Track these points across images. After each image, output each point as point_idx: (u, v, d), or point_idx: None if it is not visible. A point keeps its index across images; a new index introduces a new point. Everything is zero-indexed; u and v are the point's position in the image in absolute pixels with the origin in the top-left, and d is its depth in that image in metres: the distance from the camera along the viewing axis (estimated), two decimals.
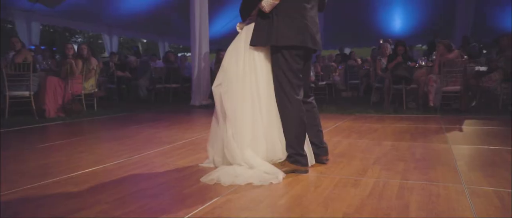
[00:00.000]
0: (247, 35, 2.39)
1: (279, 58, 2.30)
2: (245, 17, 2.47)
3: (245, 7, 2.42)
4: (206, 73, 7.79)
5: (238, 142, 2.34)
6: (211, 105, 7.49)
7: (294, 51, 2.29)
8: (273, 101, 2.38)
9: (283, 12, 2.26)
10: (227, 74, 2.39)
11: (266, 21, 2.31)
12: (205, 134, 4.06)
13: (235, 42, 2.47)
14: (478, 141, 3.31)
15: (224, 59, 2.48)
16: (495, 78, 5.60)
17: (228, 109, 2.36)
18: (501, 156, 2.73)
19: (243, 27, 2.48)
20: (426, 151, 2.95)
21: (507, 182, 2.10)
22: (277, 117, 2.38)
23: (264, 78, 2.36)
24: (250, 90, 2.36)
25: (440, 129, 4.05)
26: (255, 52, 2.36)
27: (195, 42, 7.63)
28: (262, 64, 2.36)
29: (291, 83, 2.29)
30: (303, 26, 2.28)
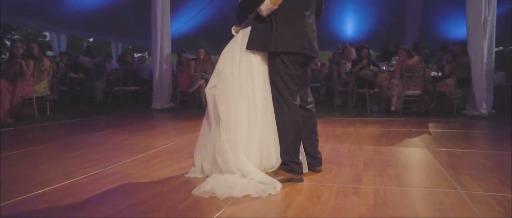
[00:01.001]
0: (243, 39, 2.34)
1: (278, 63, 2.26)
2: (242, 21, 2.41)
3: (243, 11, 2.36)
4: (168, 76, 7.50)
5: (231, 146, 2.26)
6: (173, 108, 7.24)
7: (293, 57, 2.26)
8: (269, 106, 2.32)
9: (283, 18, 2.24)
10: (222, 76, 2.33)
11: (264, 25, 2.27)
12: (178, 141, 3.89)
13: (230, 45, 2.41)
14: (450, 144, 3.46)
15: (219, 61, 2.41)
16: (450, 83, 5.96)
17: (222, 111, 2.28)
18: (477, 159, 2.87)
19: (239, 31, 2.41)
20: (408, 155, 3.03)
21: (496, 185, 2.20)
22: (273, 122, 2.32)
23: (261, 82, 2.31)
24: (246, 93, 2.30)
25: (410, 132, 4.20)
26: (252, 55, 2.31)
27: (157, 43, 7.31)
28: (259, 68, 2.31)
29: (289, 88, 2.26)
30: (303, 33, 2.26)
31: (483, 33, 5.70)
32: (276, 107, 2.30)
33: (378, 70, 6.59)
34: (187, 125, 5.06)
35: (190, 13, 13.13)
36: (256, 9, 2.25)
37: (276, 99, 2.29)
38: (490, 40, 5.78)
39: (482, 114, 5.57)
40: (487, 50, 5.74)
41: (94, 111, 6.89)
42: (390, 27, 13.38)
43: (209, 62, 7.48)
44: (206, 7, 13.29)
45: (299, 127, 2.31)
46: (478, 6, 5.65)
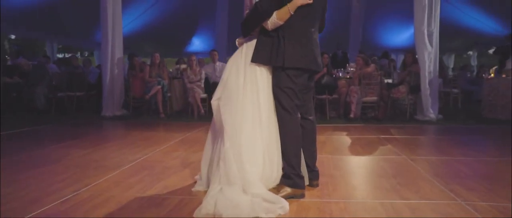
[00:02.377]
0: (247, 51, 2.38)
1: (283, 77, 2.28)
2: (248, 34, 2.42)
3: (249, 24, 2.37)
4: (120, 81, 7.01)
5: (235, 155, 2.23)
6: (125, 116, 6.79)
7: (299, 72, 2.29)
8: (273, 119, 2.35)
9: (290, 34, 2.27)
10: (227, 87, 2.34)
11: (271, 40, 2.30)
12: (149, 154, 3.62)
13: (234, 57, 2.43)
14: (423, 151, 3.63)
15: (224, 73, 2.43)
16: (403, 90, 6.31)
17: (226, 122, 2.28)
18: (455, 167, 3.02)
19: (243, 43, 2.43)
20: (391, 165, 3.09)
21: (488, 194, 2.32)
22: (277, 135, 2.34)
23: (266, 95, 2.34)
24: (251, 105, 2.32)
25: (379, 139, 4.34)
26: (257, 68, 2.33)
27: (107, 45, 6.81)
28: (264, 82, 2.34)
29: (293, 102, 2.28)
30: (309, 49, 2.31)
31: (429, 44, 6.11)
32: (279, 120, 2.31)
33: (338, 76, 6.77)
34: (151, 136, 4.74)
35: (134, 14, 12.48)
36: (263, 23, 2.27)
37: (279, 113, 2.31)
38: (435, 51, 6.22)
39: (431, 118, 5.98)
40: (432, 60, 6.17)
41: (35, 120, 6.20)
42: (336, 33, 13.94)
43: (164, 67, 7.13)
44: (151, 7, 12.73)
45: (300, 140, 2.34)
46: (423, 18, 6.05)
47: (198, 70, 6.98)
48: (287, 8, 2.22)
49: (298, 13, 2.23)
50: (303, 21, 2.29)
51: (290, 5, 2.21)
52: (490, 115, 6.17)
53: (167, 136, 4.68)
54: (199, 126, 5.54)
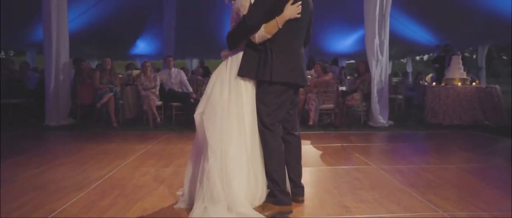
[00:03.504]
0: (233, 64, 2.32)
1: (269, 92, 2.24)
2: (234, 47, 2.35)
3: (237, 37, 2.31)
4: (66, 87, 6.48)
5: (219, 172, 2.17)
6: (73, 125, 6.31)
7: (286, 88, 2.27)
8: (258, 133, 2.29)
9: (277, 48, 2.23)
10: (211, 101, 2.28)
11: (258, 53, 2.26)
12: (115, 170, 3.36)
13: (219, 70, 2.38)
14: (390, 160, 3.76)
15: (208, 86, 2.37)
16: (357, 98, 6.60)
17: (210, 136, 2.21)
18: (424, 176, 3.19)
19: (228, 56, 2.36)
20: (366, 176, 3.19)
21: (463, 204, 2.47)
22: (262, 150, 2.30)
23: (250, 110, 2.29)
24: (235, 120, 2.26)
25: (344, 148, 4.46)
26: (242, 82, 2.28)
27: (51, 47, 6.26)
28: (249, 95, 2.30)
29: (275, 117, 2.25)
30: (297, 63, 2.30)
31: (380, 53, 6.46)
32: (261, 136, 2.27)
33: None
34: (110, 148, 4.42)
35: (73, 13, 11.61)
36: (250, 36, 2.23)
37: (260, 129, 2.27)
38: (385, 60, 6.59)
39: (383, 124, 6.31)
40: (383, 68, 6.53)
41: None
42: None
43: (115, 73, 6.73)
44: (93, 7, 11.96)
45: (282, 156, 2.32)
46: (374, 29, 6.38)
47: (152, 77, 6.68)
48: (276, 22, 2.19)
49: (286, 26, 2.21)
50: (291, 34, 2.27)
51: (279, 19, 2.19)
52: (433, 120, 6.67)
53: (127, 149, 4.40)
54: (158, 136, 5.30)
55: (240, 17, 2.25)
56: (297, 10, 2.22)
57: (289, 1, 2.20)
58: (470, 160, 3.86)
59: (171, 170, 3.41)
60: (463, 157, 3.98)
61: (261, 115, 2.24)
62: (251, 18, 2.16)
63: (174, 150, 4.36)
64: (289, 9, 2.20)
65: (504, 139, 5.13)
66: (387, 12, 6.44)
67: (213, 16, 12.86)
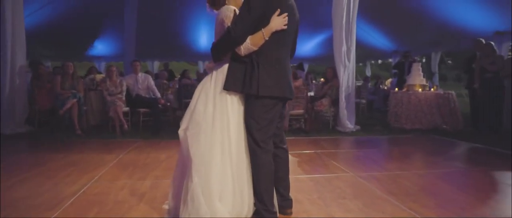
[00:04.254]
0: (217, 77, 2.25)
1: (257, 107, 2.18)
2: (218, 59, 2.27)
3: (221, 49, 2.23)
4: (22, 93, 6.07)
5: (204, 190, 2.12)
6: (31, 133, 5.93)
7: (274, 101, 2.21)
8: (244, 149, 2.24)
9: (264, 60, 2.17)
10: (195, 117, 2.21)
11: (243, 66, 2.20)
12: (89, 183, 3.21)
13: (203, 84, 2.30)
14: (365, 167, 3.88)
15: (192, 100, 2.30)
16: (325, 103, 6.75)
17: (194, 154, 2.15)
18: (400, 182, 3.32)
19: (213, 68, 2.30)
20: (346, 184, 3.27)
21: (440, 209, 2.60)
22: (248, 166, 2.24)
23: (236, 125, 2.22)
24: (220, 136, 2.19)
25: (318, 155, 4.54)
26: (228, 96, 2.21)
27: (7, 50, 5.84)
28: (234, 110, 2.22)
29: (266, 132, 2.19)
30: (284, 76, 2.23)
31: (347, 60, 6.67)
32: (250, 153, 2.21)
33: None
34: (78, 159, 4.18)
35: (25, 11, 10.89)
36: (235, 48, 2.16)
37: (250, 146, 2.20)
38: (352, 66, 6.81)
39: (350, 129, 6.51)
40: (350, 75, 6.74)
41: None
42: None
43: (78, 77, 6.39)
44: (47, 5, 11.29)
45: (272, 175, 2.26)
46: (341, 36, 6.58)
47: (118, 82, 6.42)
48: (262, 34, 2.13)
49: (272, 38, 2.15)
50: (277, 46, 2.21)
51: (265, 31, 2.13)
52: (396, 125, 6.97)
53: (97, 159, 4.19)
54: (127, 145, 5.10)
55: (224, 29, 2.19)
56: (283, 22, 2.16)
57: (275, 12, 2.15)
58: (438, 165, 4.07)
59: (150, 183, 3.29)
60: (431, 163, 4.18)
61: (251, 131, 2.17)
62: (236, 30, 2.09)
63: (147, 160, 4.22)
64: (275, 21, 2.14)
65: (461, 142, 5.48)
66: (353, 21, 6.65)
67: (176, 16, 12.60)
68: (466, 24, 9.83)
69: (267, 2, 2.13)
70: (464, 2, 9.00)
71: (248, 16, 2.10)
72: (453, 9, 9.49)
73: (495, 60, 6.28)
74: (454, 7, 9.39)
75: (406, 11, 10.32)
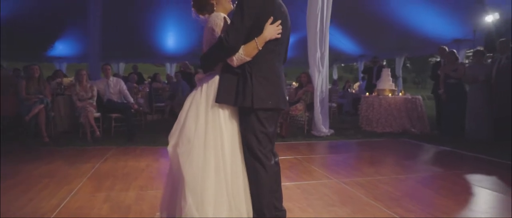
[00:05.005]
0: (209, 90, 2.10)
1: (252, 121, 2.07)
2: (209, 69, 2.15)
3: (212, 59, 2.10)
4: None
5: (199, 211, 1.99)
6: None
7: (269, 113, 2.10)
8: (239, 166, 2.11)
9: (258, 71, 2.06)
10: (185, 133, 2.05)
11: (236, 77, 2.08)
12: (68, 197, 3.06)
13: (193, 97, 2.15)
14: (346, 173, 3.98)
15: (180, 115, 2.15)
16: (300, 108, 6.85)
17: (187, 173, 1.99)
18: (382, 188, 3.44)
19: (203, 79, 2.16)
20: (332, 191, 3.33)
21: (427, 216, 2.72)
22: (244, 182, 2.12)
23: (230, 140, 2.09)
24: (214, 152, 2.04)
25: (299, 161, 4.59)
26: (220, 110, 2.08)
27: None
28: (227, 124, 2.09)
29: (264, 147, 2.08)
30: (278, 86, 2.12)
31: (321, 65, 6.81)
32: (250, 170, 2.09)
33: None
34: (52, 170, 3.96)
35: None
36: (227, 59, 2.04)
37: (249, 162, 2.08)
38: (325, 71, 6.96)
39: (325, 133, 6.65)
40: (323, 80, 6.88)
41: None
42: None
43: (45, 81, 6.07)
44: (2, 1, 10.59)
45: (273, 189, 2.15)
46: (315, 43, 6.72)
47: (89, 86, 6.17)
48: (255, 43, 2.02)
49: (266, 47, 2.05)
50: (271, 55, 2.10)
51: (258, 40, 2.02)
52: (368, 128, 7.22)
53: (72, 169, 4.00)
54: (102, 153, 4.91)
55: (215, 37, 2.07)
56: (277, 30, 2.07)
57: (268, 21, 2.06)
58: (415, 169, 4.25)
59: (134, 195, 3.18)
60: (408, 167, 4.35)
61: (250, 147, 2.06)
62: (229, 39, 1.96)
63: (126, 169, 4.08)
64: (269, 29, 2.04)
65: (430, 145, 5.76)
66: (326, 27, 6.80)
67: (142, 17, 12.29)
68: (428, 31, 10.37)
69: (261, 9, 2.04)
70: (426, 11, 9.50)
71: (242, 25, 1.98)
72: (416, 17, 9.98)
73: (458, 67, 6.65)
74: (417, 15, 9.88)
75: (372, 17, 10.71)
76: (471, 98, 6.34)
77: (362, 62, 15.40)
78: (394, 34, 11.23)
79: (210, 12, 2.20)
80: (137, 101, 8.34)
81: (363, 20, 11.21)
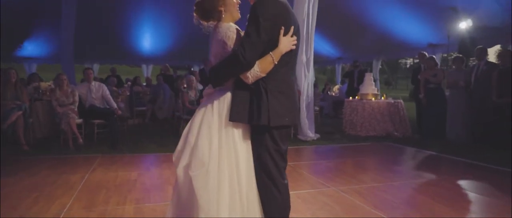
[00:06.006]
0: (220, 107, 1.98)
1: (267, 139, 1.96)
2: (220, 85, 2.03)
3: (224, 75, 1.97)
4: None
5: None
6: None
7: (284, 131, 2.02)
8: (255, 185, 2.00)
9: (274, 86, 1.96)
10: (199, 155, 1.92)
11: (249, 93, 1.97)
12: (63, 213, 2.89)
13: (203, 114, 2.01)
14: (343, 180, 3.98)
15: (191, 133, 1.99)
16: None
17: (201, 197, 1.88)
18: (381, 196, 3.49)
19: (212, 94, 2.05)
20: (332, 200, 3.34)
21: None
22: (259, 204, 2.01)
23: (244, 159, 1.98)
24: (229, 174, 1.94)
25: (293, 168, 4.59)
26: (235, 129, 1.96)
27: None
28: (241, 143, 1.97)
29: (278, 166, 1.99)
30: (293, 101, 2.04)
31: (307, 70, 6.86)
32: (263, 191, 1.98)
33: None
34: (39, 182, 3.76)
35: None
36: (241, 75, 1.94)
37: (263, 182, 1.98)
38: (311, 76, 7.02)
39: (311, 138, 6.70)
40: (309, 84, 6.93)
41: None
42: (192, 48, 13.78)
43: (23, 86, 5.77)
44: None
45: (288, 210, 2.06)
46: (302, 48, 6.76)
47: (70, 91, 5.91)
48: (271, 58, 1.90)
49: (281, 59, 1.94)
50: (285, 69, 1.99)
51: (274, 54, 1.91)
52: (352, 132, 7.33)
53: (61, 181, 3.82)
54: (88, 162, 4.72)
55: (226, 51, 1.96)
56: (292, 41, 1.97)
57: (282, 32, 1.92)
58: (406, 175, 4.34)
59: (132, 208, 3.07)
60: (399, 173, 4.44)
61: (266, 167, 1.96)
62: (246, 55, 1.84)
63: (118, 179, 3.94)
64: (284, 42, 1.93)
65: (415, 149, 5.92)
66: (312, 33, 6.86)
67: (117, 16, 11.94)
68: (404, 35, 10.70)
69: (276, 20, 1.92)
70: (403, 16, 9.79)
71: (258, 39, 1.86)
72: (393, 21, 10.26)
73: (437, 72, 6.87)
74: (393, 19, 10.15)
75: (350, 21, 10.92)
76: (451, 103, 6.57)
77: (340, 65, 15.68)
78: (371, 37, 11.49)
79: (217, 20, 2.08)
80: (118, 105, 8.10)
81: (341, 23, 11.41)
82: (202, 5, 2.07)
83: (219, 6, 2.04)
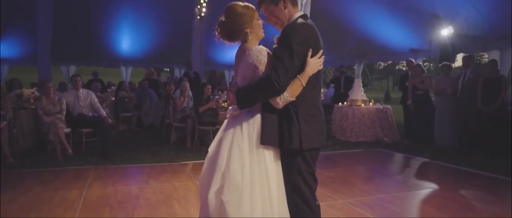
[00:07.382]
0: (250, 130, 1.95)
1: (299, 162, 1.96)
2: (247, 107, 1.98)
3: (254, 98, 1.94)
4: None
5: None
6: None
7: (316, 152, 2.02)
8: (286, 207, 1.97)
9: (303, 109, 1.95)
10: (229, 178, 1.88)
11: (278, 117, 1.95)
12: None
13: (232, 135, 1.96)
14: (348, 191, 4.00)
15: (220, 157, 1.94)
16: None
17: None
18: (385, 206, 3.52)
19: (238, 116, 1.99)
20: (342, 212, 3.35)
21: None
22: None
23: (275, 181, 1.95)
24: (261, 198, 1.90)
25: None
26: (266, 152, 1.94)
27: None
28: (273, 166, 1.95)
29: (311, 188, 1.99)
30: (322, 122, 2.05)
31: None
32: (297, 214, 1.96)
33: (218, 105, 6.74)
34: (35, 200, 3.55)
35: None
36: (270, 99, 1.91)
37: (296, 205, 1.96)
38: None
39: None
40: None
41: None
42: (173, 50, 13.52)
43: (6, 95, 5.47)
44: None
45: None
46: None
47: (57, 100, 5.66)
48: (299, 81, 1.88)
49: (309, 83, 1.93)
50: (314, 90, 1.99)
51: (302, 77, 1.88)
52: (342, 137, 7.40)
53: (57, 198, 3.64)
54: (82, 175, 4.52)
55: (256, 75, 1.94)
56: (319, 62, 1.95)
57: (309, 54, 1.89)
58: (409, 185, 4.37)
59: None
60: (401, 182, 4.49)
61: (299, 191, 1.94)
62: (280, 81, 1.82)
63: (118, 195, 3.79)
64: (312, 64, 1.91)
65: (409, 156, 6.04)
66: None
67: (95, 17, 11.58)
68: (387, 40, 10.93)
69: (308, 44, 1.91)
70: (385, 21, 10.00)
71: (292, 64, 1.86)
72: (375, 26, 10.47)
73: (424, 79, 7.05)
74: (376, 24, 10.36)
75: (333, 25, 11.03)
76: (439, 109, 6.75)
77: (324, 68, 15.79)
78: (354, 42, 11.68)
79: (243, 41, 2.05)
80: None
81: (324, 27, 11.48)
82: (227, 26, 2.03)
83: (245, 28, 2.02)
